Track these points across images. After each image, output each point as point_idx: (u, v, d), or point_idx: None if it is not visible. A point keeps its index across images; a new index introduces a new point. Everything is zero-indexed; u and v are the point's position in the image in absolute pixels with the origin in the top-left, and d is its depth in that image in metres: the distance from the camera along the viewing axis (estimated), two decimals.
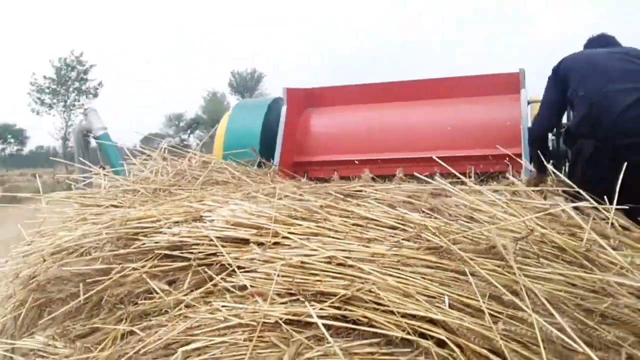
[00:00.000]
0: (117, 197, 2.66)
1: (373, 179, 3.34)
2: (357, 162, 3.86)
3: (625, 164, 1.97)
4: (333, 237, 1.64)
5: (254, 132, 4.05)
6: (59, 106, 40.54)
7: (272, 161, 3.79)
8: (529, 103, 3.69)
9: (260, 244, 1.68)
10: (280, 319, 1.44)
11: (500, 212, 1.72)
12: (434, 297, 1.36)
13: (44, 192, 2.75)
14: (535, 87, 3.60)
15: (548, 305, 1.27)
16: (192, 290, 1.68)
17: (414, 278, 1.41)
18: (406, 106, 4.13)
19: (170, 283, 1.76)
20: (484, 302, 1.31)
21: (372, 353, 1.35)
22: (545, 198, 2.15)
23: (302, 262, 1.54)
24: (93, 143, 4.65)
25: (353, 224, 1.70)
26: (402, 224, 1.66)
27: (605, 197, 1.88)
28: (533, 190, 2.15)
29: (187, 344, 1.49)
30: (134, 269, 1.80)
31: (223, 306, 1.57)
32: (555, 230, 1.71)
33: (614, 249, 1.65)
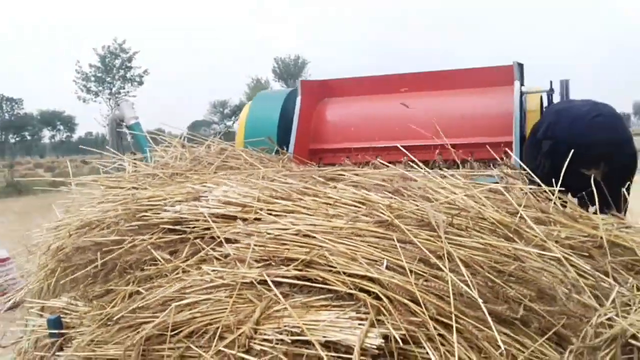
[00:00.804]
0: (137, 181, 3.02)
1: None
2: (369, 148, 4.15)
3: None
4: (304, 214, 1.96)
5: (272, 122, 4.36)
6: (105, 94, 41.58)
7: (286, 149, 4.11)
8: (522, 94, 3.91)
9: (244, 220, 2.02)
10: (255, 279, 1.77)
11: (448, 193, 2.02)
12: (375, 261, 1.67)
13: (88, 177, 3.14)
14: None
15: (461, 267, 1.58)
16: (188, 259, 2.02)
17: (361, 246, 1.72)
18: (411, 97, 4.40)
19: (171, 253, 2.11)
20: (412, 264, 1.62)
21: (325, 305, 1.67)
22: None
23: (275, 235, 1.86)
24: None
25: (323, 203, 2.02)
26: (363, 203, 1.97)
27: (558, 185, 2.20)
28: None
29: (180, 300, 1.84)
30: (142, 240, 2.15)
31: (212, 270, 1.91)
32: (498, 208, 2.01)
33: (544, 224, 1.94)
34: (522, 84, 3.93)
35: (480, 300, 1.49)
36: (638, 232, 2.17)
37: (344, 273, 1.65)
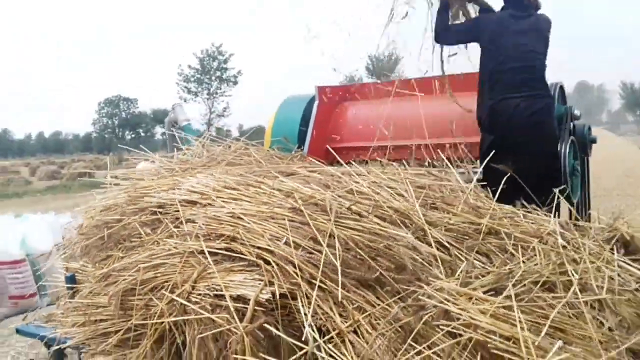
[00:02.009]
0: (157, 174, 3.65)
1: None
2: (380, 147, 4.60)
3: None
4: (243, 200, 2.49)
5: (294, 123, 4.90)
6: (203, 94, 44.06)
7: (302, 148, 4.63)
8: None
9: (201, 204, 2.58)
10: (197, 250, 2.33)
11: (370, 185, 2.48)
12: (277, 238, 2.18)
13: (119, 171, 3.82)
14: None
15: (337, 243, 2.05)
16: (160, 233, 2.61)
17: (272, 226, 2.24)
18: (417, 99, 4.79)
19: (153, 229, 2.71)
20: (303, 240, 2.12)
21: (240, 270, 2.20)
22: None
23: (216, 216, 2.41)
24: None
25: (262, 193, 2.54)
26: (290, 193, 2.48)
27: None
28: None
29: (147, 264, 2.43)
30: (133, 219, 2.77)
31: (176, 243, 2.49)
32: (400, 197, 2.45)
33: (435, 208, 2.37)
34: None
35: (340, 268, 1.97)
36: (541, 222, 2.54)
37: (253, 246, 2.18)
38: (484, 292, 1.95)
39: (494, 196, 2.66)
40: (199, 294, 2.22)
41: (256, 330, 2.01)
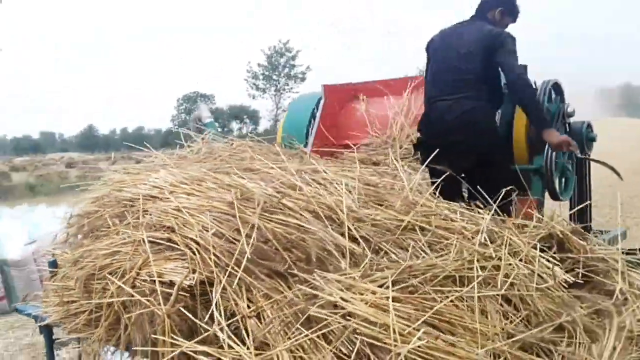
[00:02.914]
0: (153, 169, 3.93)
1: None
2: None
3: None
4: (194, 195, 2.71)
5: (303, 122, 5.11)
6: (271, 90, 44.93)
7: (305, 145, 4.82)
8: None
9: (159, 198, 2.82)
10: (144, 239, 2.57)
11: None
12: (207, 229, 2.39)
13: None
14: None
15: (254, 234, 2.24)
16: (127, 224, 2.87)
17: (207, 217, 2.44)
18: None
19: (120, 220, 2.97)
20: (228, 232, 2.32)
21: (175, 258, 2.42)
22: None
23: (164, 209, 2.64)
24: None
25: (211, 188, 2.75)
26: (236, 187, 2.68)
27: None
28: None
29: (106, 251, 2.69)
30: (106, 210, 3.04)
31: (124, 232, 2.73)
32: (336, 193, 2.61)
33: (377, 204, 2.51)
34: None
35: (251, 257, 2.16)
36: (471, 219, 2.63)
37: (185, 236, 2.40)
38: (382, 285, 2.09)
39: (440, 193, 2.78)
40: (142, 280, 2.45)
41: (179, 312, 2.23)
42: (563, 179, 4.06)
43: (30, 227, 6.53)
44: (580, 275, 2.54)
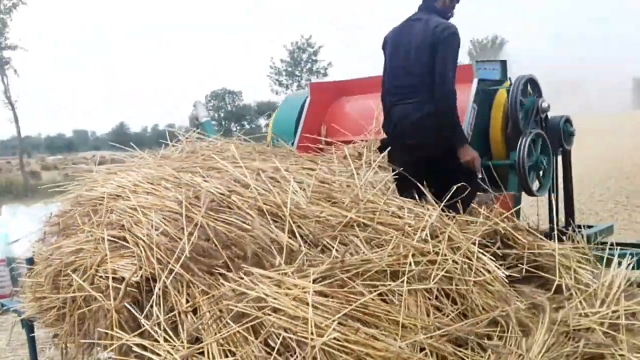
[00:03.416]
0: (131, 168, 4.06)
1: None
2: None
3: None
4: (152, 194, 2.82)
5: (291, 120, 5.19)
6: (294, 86, 45.15)
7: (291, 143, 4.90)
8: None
9: (122, 197, 2.94)
10: (103, 238, 2.69)
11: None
12: (157, 228, 2.49)
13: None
14: None
15: (196, 232, 2.33)
16: (91, 222, 3.00)
17: (156, 217, 2.55)
18: None
19: (89, 219, 3.10)
20: (174, 230, 2.42)
21: (129, 256, 2.53)
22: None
23: (123, 208, 2.76)
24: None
25: (169, 187, 2.86)
26: (190, 186, 2.78)
27: None
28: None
29: (72, 248, 2.82)
30: (79, 208, 3.18)
31: (89, 230, 2.86)
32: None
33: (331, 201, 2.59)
34: (506, 80, 4.26)
35: (191, 255, 2.26)
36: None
37: (135, 235, 2.51)
38: (314, 280, 2.17)
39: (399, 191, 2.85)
40: (99, 276, 2.57)
41: (127, 307, 2.35)
42: (537, 175, 4.06)
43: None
44: (524, 270, 2.58)
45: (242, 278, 2.22)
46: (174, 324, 2.22)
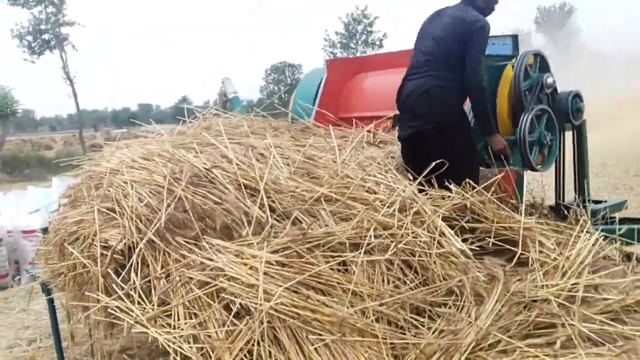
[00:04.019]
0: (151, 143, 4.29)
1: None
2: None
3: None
4: (146, 169, 3.03)
5: (311, 95, 5.31)
6: None
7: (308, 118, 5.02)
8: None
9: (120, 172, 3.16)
10: (103, 207, 2.91)
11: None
12: (141, 200, 2.69)
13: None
14: None
15: (172, 205, 2.52)
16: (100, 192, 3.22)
17: (143, 190, 2.75)
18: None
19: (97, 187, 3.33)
20: (156, 202, 2.61)
21: (119, 226, 2.74)
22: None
23: (118, 182, 2.97)
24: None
25: (161, 163, 3.05)
26: (180, 162, 2.96)
27: None
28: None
29: (74, 219, 3.06)
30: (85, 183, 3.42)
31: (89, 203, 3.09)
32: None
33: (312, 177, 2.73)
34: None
35: (162, 225, 2.45)
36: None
37: (122, 207, 2.72)
38: (277, 250, 2.33)
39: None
40: (94, 245, 2.81)
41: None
42: (540, 151, 4.05)
43: None
44: (490, 243, 2.66)
45: (211, 248, 2.40)
46: (149, 289, 2.42)
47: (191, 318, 2.22)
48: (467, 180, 2.93)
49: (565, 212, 4.00)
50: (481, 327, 2.19)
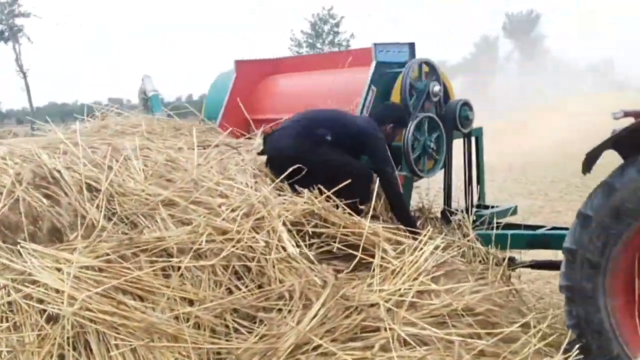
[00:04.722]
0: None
1: None
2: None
3: None
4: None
5: (223, 96, 5.28)
6: None
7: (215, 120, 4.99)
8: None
9: None
10: None
11: None
12: None
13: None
14: None
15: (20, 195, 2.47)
16: None
17: None
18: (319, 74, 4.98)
19: None
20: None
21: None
22: None
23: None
24: None
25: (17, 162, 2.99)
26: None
27: None
28: None
29: None
30: None
31: None
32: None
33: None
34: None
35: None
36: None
37: None
38: (101, 255, 2.30)
39: None
40: None
41: None
42: (427, 157, 4.09)
43: None
44: (336, 248, 2.68)
45: (31, 252, 2.35)
46: None
47: (7, 321, 2.18)
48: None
49: (450, 217, 4.07)
50: (302, 330, 2.20)
